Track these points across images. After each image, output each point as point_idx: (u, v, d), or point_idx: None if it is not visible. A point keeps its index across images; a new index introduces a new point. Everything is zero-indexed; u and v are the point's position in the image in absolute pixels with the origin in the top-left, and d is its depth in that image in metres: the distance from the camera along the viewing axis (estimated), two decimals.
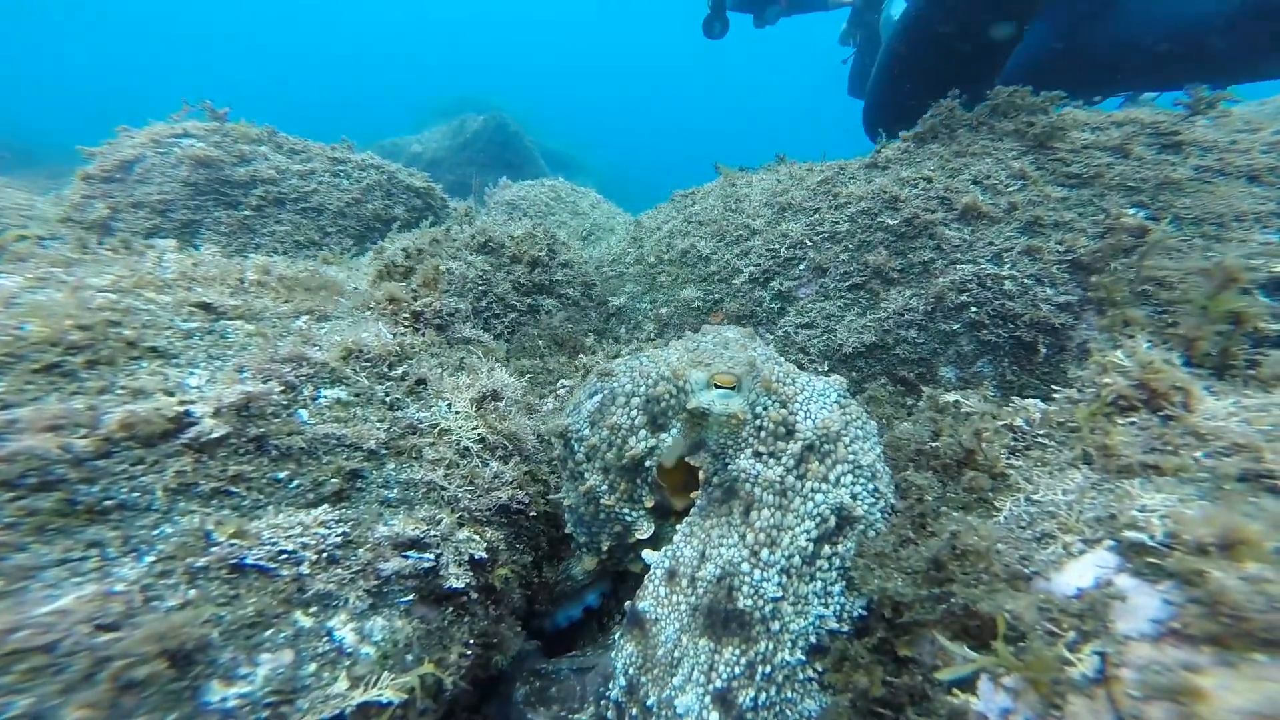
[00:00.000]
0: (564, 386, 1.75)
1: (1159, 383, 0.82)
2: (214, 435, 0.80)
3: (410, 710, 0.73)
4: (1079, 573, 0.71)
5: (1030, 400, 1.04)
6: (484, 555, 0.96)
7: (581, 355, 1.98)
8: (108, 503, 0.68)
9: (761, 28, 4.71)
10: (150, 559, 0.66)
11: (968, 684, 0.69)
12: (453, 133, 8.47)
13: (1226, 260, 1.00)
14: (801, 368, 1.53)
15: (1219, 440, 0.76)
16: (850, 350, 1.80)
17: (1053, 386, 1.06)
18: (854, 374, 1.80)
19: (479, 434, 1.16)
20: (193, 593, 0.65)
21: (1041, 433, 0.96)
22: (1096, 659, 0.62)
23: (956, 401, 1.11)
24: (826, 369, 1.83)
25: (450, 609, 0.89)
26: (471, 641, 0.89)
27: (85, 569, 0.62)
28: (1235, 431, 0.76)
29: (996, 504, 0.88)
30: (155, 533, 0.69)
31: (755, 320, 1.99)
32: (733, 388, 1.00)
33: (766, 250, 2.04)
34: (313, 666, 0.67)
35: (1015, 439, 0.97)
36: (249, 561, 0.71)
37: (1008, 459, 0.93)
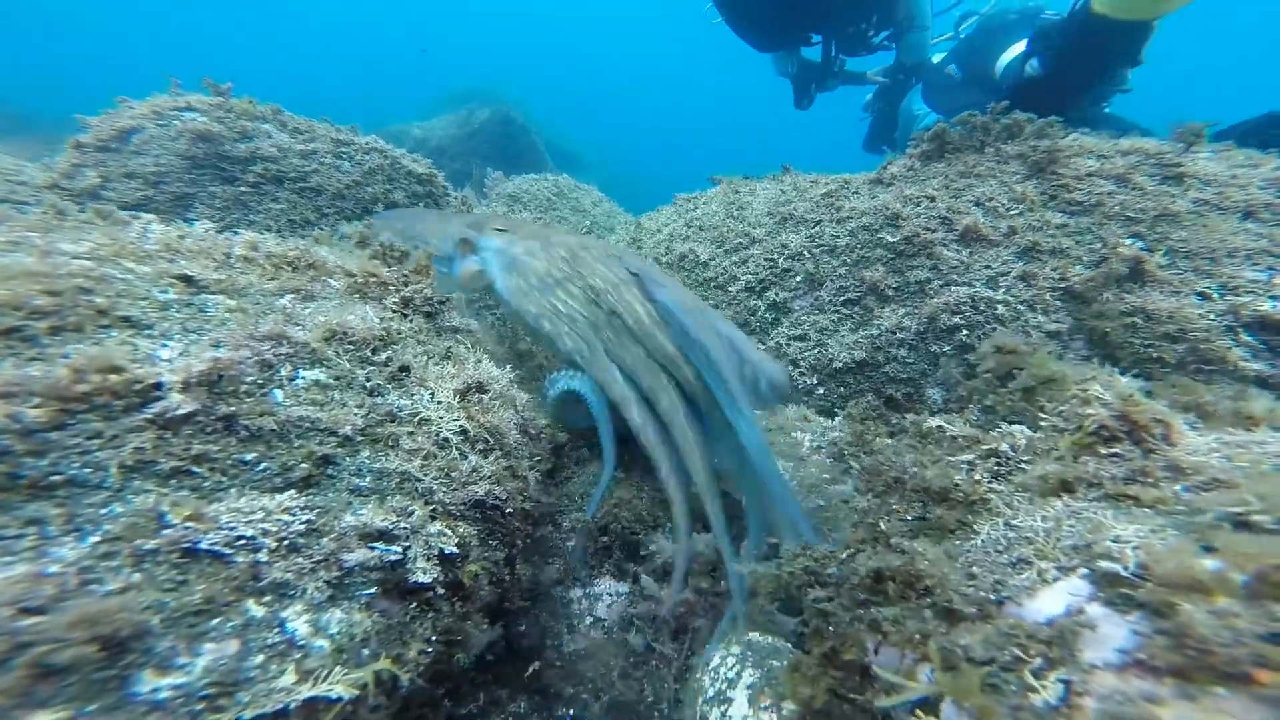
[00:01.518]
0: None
1: (1139, 415, 0.81)
2: (180, 411, 0.77)
3: (361, 707, 0.71)
4: (1051, 600, 0.70)
5: (1017, 426, 1.03)
6: (455, 550, 0.94)
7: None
8: (55, 478, 0.65)
9: (823, 91, 5.32)
10: (94, 539, 0.63)
11: (930, 706, 0.68)
12: (459, 122, 8.45)
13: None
14: (790, 379, 1.56)
15: (1199, 475, 0.76)
16: (840, 365, 1.79)
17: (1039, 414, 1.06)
18: (842, 389, 1.80)
19: (460, 426, 1.14)
20: (136, 576, 0.62)
21: (1025, 459, 0.96)
22: (1060, 687, 0.61)
23: (940, 426, 1.10)
24: (815, 382, 1.82)
25: (414, 604, 0.87)
26: (434, 638, 0.87)
27: (18, 548, 0.59)
28: (1215, 467, 0.76)
29: (975, 527, 0.87)
30: (104, 511, 0.66)
31: (748, 329, 1.98)
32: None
33: (765, 260, 2.03)
34: (259, 658, 0.65)
35: (999, 464, 0.97)
36: (203, 546, 0.68)
37: (989, 484, 0.92)
